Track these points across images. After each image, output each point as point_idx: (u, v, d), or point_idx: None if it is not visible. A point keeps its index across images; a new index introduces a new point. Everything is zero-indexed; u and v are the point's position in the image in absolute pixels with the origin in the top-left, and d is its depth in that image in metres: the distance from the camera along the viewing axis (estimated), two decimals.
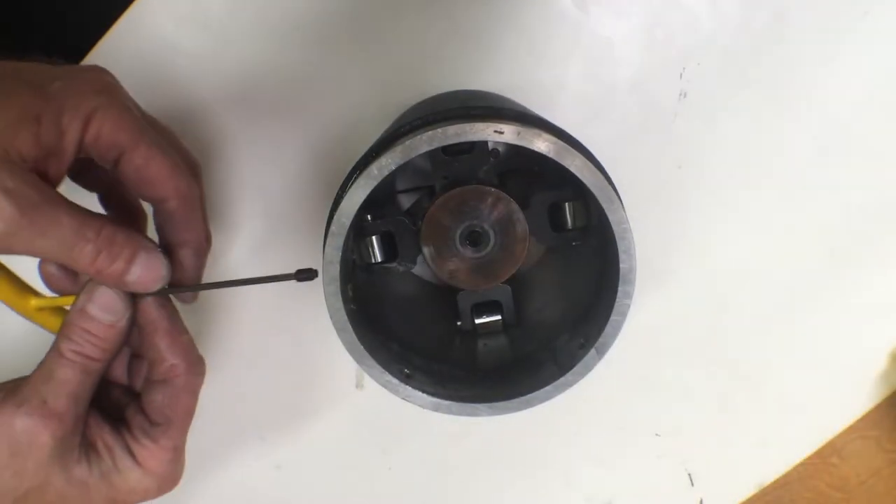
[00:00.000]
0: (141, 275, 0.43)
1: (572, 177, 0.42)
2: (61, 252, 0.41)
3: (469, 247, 0.49)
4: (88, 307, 0.44)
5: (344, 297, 0.44)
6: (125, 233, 0.42)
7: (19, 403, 0.42)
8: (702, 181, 0.63)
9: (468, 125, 0.41)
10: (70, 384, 0.43)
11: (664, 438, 0.69)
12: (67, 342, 0.43)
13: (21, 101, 0.40)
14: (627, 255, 0.43)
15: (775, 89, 0.61)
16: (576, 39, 0.60)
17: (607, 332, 0.44)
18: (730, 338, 0.67)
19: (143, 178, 0.44)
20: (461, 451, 0.68)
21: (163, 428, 0.45)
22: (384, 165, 0.41)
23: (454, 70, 0.61)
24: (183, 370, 0.46)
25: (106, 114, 0.42)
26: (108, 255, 0.41)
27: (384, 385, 0.45)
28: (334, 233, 0.43)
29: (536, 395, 0.45)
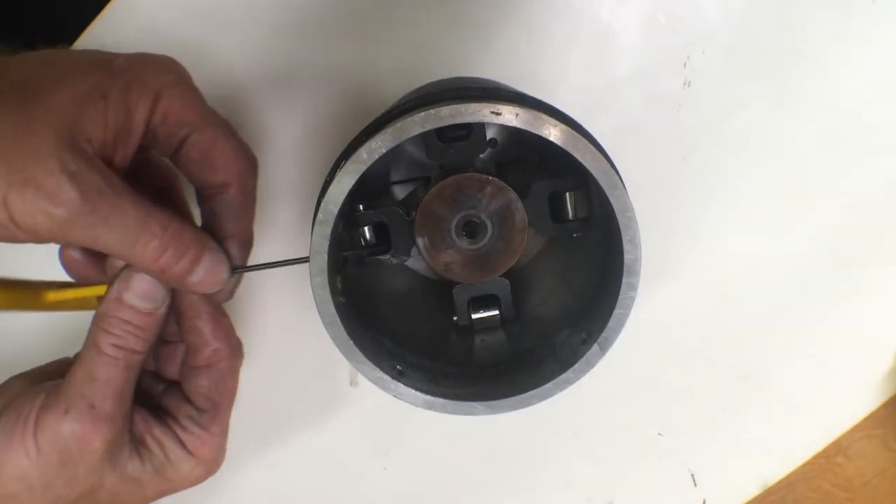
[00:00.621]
0: (204, 277, 0.40)
1: (574, 165, 0.38)
2: (123, 245, 0.37)
3: (465, 238, 0.45)
4: (126, 296, 0.40)
5: (333, 289, 0.40)
6: (192, 231, 0.40)
7: (65, 409, 0.39)
8: (707, 175, 0.60)
9: (463, 105, 0.37)
10: (115, 382, 0.40)
11: (666, 437, 0.65)
12: (106, 335, 0.40)
13: (87, 77, 0.37)
14: (632, 244, 0.39)
15: (783, 79, 0.58)
16: (576, 27, 0.57)
17: (610, 326, 0.40)
18: (734, 334, 0.64)
19: (209, 160, 0.41)
20: (458, 451, 0.65)
21: (211, 414, 0.43)
22: (374, 149, 0.37)
23: (450, 60, 0.58)
24: (226, 354, 0.43)
25: (174, 91, 0.39)
26: (174, 254, 0.38)
27: (375, 382, 0.41)
28: (322, 221, 0.39)
29: (536, 393, 0.41)
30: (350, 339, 0.40)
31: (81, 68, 0.38)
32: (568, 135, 0.37)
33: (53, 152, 0.35)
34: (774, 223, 0.61)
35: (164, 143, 0.40)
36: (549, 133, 0.37)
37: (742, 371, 0.65)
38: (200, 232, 0.40)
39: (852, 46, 0.57)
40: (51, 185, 0.35)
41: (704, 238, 0.62)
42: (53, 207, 0.35)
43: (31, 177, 0.35)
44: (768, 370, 0.65)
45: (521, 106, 0.37)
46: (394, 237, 0.46)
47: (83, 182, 0.35)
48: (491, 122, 0.37)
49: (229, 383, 0.44)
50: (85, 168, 0.36)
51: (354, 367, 0.41)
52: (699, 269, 0.62)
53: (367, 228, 0.47)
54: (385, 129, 0.37)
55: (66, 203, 0.35)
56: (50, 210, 0.35)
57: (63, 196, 0.35)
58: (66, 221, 0.35)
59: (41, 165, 0.35)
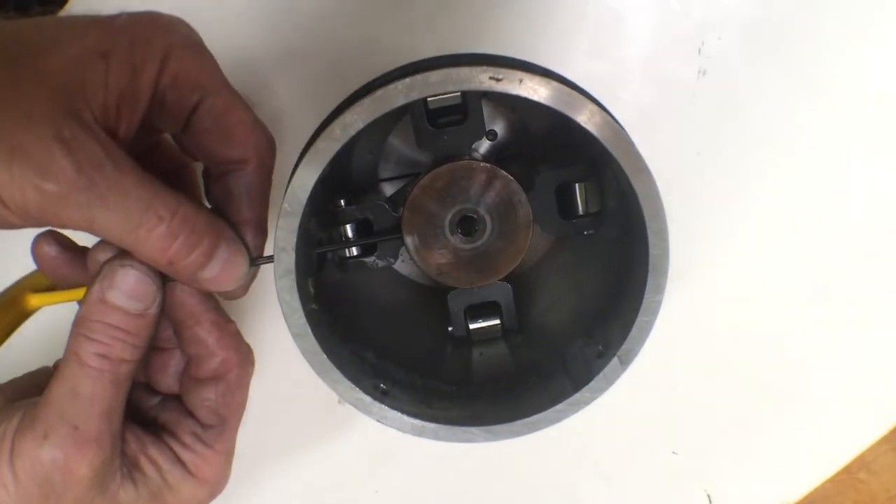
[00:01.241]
0: (220, 272, 0.33)
1: (583, 154, 0.30)
2: (124, 230, 0.30)
3: (461, 236, 0.38)
4: (110, 295, 0.33)
5: (303, 294, 0.32)
6: (207, 216, 0.33)
7: (44, 433, 0.32)
8: (724, 169, 0.53)
9: (455, 70, 0.28)
10: (101, 400, 0.33)
11: (681, 456, 0.59)
12: (89, 343, 0.33)
13: (85, 36, 0.31)
14: (659, 237, 0.31)
15: (803, 66, 0.53)
16: (580, 11, 0.51)
17: (633, 336, 0.32)
18: (752, 345, 0.57)
19: (224, 130, 0.34)
20: (456, 473, 0.58)
21: (217, 430, 0.37)
22: (349, 124, 0.29)
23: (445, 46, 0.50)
24: (236, 363, 0.36)
25: (185, 51, 0.33)
26: (186, 243, 0.31)
27: (354, 404, 0.33)
28: (288, 212, 0.30)
29: (544, 417, 0.33)
30: (324, 353, 0.31)
31: (78, 28, 0.32)
32: (581, 105, 0.29)
33: (46, 117, 0.29)
34: (795, 224, 0.55)
35: (172, 110, 0.34)
36: (555, 101, 0.29)
37: (761, 384, 0.59)
38: (216, 218, 0.33)
39: (878, 32, 0.52)
40: (41, 154, 0.29)
41: (720, 239, 0.55)
42: (43, 180, 0.29)
43: (19, 145, 0.29)
44: (789, 383, 0.59)
45: (526, 72, 0.29)
46: (379, 236, 0.38)
47: (79, 151, 0.29)
48: (491, 91, 0.29)
49: (238, 396, 0.37)
50: (82, 135, 0.29)
51: (330, 386, 0.32)
52: (715, 273, 0.56)
53: (348, 226, 0.39)
54: (362, 101, 0.29)
55: (58, 175, 0.29)
56: (39, 184, 0.29)
57: (54, 167, 0.29)
58: (58, 198, 0.29)
59: (31, 132, 0.29)
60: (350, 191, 0.40)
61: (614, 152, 0.30)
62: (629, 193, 0.32)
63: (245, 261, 0.33)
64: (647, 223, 0.31)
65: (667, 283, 0.32)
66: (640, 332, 0.33)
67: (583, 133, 0.32)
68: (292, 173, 0.32)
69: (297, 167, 0.31)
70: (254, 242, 0.35)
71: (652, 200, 0.31)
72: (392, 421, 0.33)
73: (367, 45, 0.51)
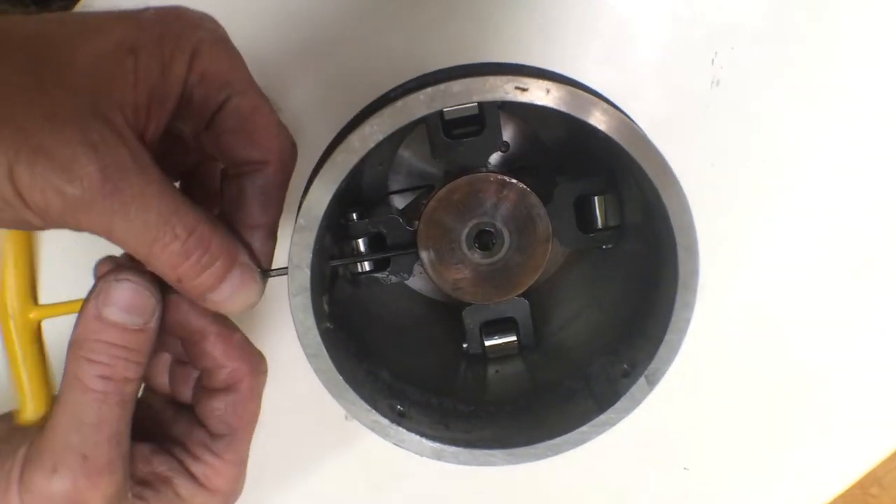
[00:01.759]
0: (230, 296, 0.31)
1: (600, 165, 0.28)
2: (140, 242, 0.29)
3: (478, 250, 0.35)
4: (107, 312, 0.31)
5: (317, 312, 0.30)
6: (222, 238, 0.31)
7: (53, 467, 0.31)
8: (738, 181, 0.52)
9: (480, 80, 0.27)
10: (108, 424, 0.31)
11: (693, 472, 0.57)
12: (90, 366, 0.31)
13: (111, 31, 0.29)
14: (689, 252, 0.29)
15: (818, 77, 0.51)
16: (593, 19, 0.49)
17: (661, 355, 0.31)
18: (766, 360, 0.56)
19: (248, 131, 0.32)
20: (465, 491, 0.57)
21: (227, 440, 0.35)
22: (368, 135, 0.28)
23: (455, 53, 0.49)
24: (246, 373, 0.35)
25: (213, 48, 0.32)
26: (198, 264, 0.30)
27: (370, 427, 0.31)
28: (303, 227, 0.29)
29: (568, 439, 0.31)
30: (339, 374, 0.30)
31: (104, 23, 0.30)
32: (613, 118, 0.27)
33: (72, 118, 0.28)
34: (811, 236, 0.54)
35: (198, 108, 0.32)
36: (589, 115, 0.27)
37: (772, 399, 0.57)
38: (233, 240, 0.32)
39: (893, 42, 0.51)
40: (66, 156, 0.27)
41: (734, 252, 0.54)
42: (67, 184, 0.27)
43: (43, 145, 0.27)
44: (800, 398, 0.57)
45: (553, 81, 0.27)
46: (393, 251, 0.36)
47: (106, 156, 0.28)
48: (515, 102, 0.27)
49: (250, 406, 0.36)
50: (110, 139, 0.28)
51: (345, 409, 0.30)
52: (727, 286, 0.54)
53: (361, 241, 0.37)
54: (381, 112, 0.27)
55: (83, 180, 0.27)
56: (62, 187, 0.27)
57: (79, 171, 0.27)
58: (80, 203, 0.28)
59: (57, 133, 0.27)
60: (360, 204, 0.38)
61: (644, 165, 0.29)
62: (657, 207, 0.30)
63: (258, 287, 0.32)
64: (676, 238, 0.30)
65: (696, 300, 0.31)
66: (668, 352, 0.31)
67: (607, 145, 0.31)
68: (307, 187, 0.31)
69: (313, 181, 0.29)
70: (263, 248, 0.33)
71: (681, 214, 0.30)
72: (410, 444, 0.31)
73: (375, 52, 0.49)
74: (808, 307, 0.55)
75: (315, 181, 0.29)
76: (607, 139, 0.29)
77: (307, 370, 0.47)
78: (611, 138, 0.29)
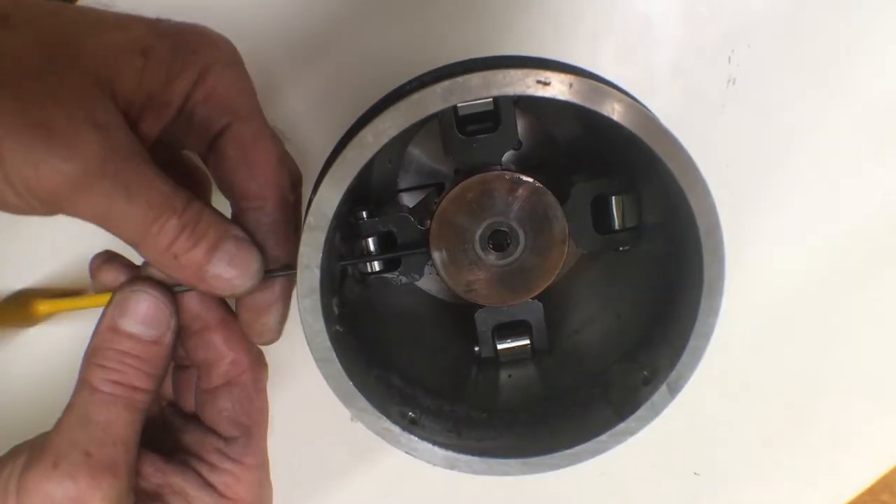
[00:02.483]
0: (227, 268, 0.30)
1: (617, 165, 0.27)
2: (139, 224, 0.28)
3: (492, 251, 0.34)
4: (122, 323, 0.30)
5: (327, 314, 0.28)
6: (215, 212, 0.31)
7: (54, 463, 0.29)
8: (753, 182, 0.50)
9: (500, 73, 0.25)
10: (115, 426, 0.30)
11: (703, 477, 0.56)
12: (101, 371, 0.30)
13: (128, 29, 0.29)
14: (715, 256, 0.28)
15: (835, 76, 0.50)
16: (607, 15, 0.48)
17: (684, 362, 0.29)
18: (776, 364, 0.55)
19: (247, 160, 0.32)
20: (469, 491, 0.54)
21: (242, 442, 0.34)
22: (382, 130, 0.26)
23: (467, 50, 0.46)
24: (247, 365, 0.33)
25: (225, 70, 0.31)
26: (192, 235, 0.29)
27: (380, 434, 0.29)
28: (313, 226, 0.27)
29: (586, 448, 0.30)
30: (350, 380, 0.28)
31: (124, 20, 0.30)
32: (639, 115, 0.26)
33: (77, 97, 0.27)
34: (825, 239, 0.52)
35: (199, 129, 0.31)
36: (614, 111, 0.26)
37: (783, 404, 0.56)
38: (224, 218, 0.31)
39: None
40: (69, 133, 0.26)
41: (748, 254, 0.52)
42: (67, 161, 0.26)
43: (43, 122, 0.26)
44: (811, 403, 0.56)
45: (575, 75, 0.26)
46: (404, 251, 0.35)
47: (111, 137, 0.27)
48: (536, 96, 0.26)
49: (257, 401, 0.34)
50: (114, 121, 0.27)
51: (355, 416, 0.29)
52: (739, 289, 0.52)
53: (370, 240, 0.36)
54: (396, 105, 0.26)
55: (86, 158, 0.26)
56: (60, 165, 0.26)
57: (83, 149, 0.26)
58: (79, 182, 0.26)
59: (60, 109, 0.26)
60: (369, 202, 0.37)
61: (670, 164, 0.27)
62: (681, 208, 0.29)
63: (256, 258, 0.31)
64: (701, 240, 0.28)
65: (721, 306, 0.29)
66: (692, 358, 0.29)
67: (630, 143, 0.29)
68: (316, 185, 0.29)
69: (323, 178, 0.27)
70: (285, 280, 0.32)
71: (709, 217, 0.28)
72: (422, 453, 0.30)
73: (384, 48, 0.47)
74: (821, 310, 0.54)
75: (326, 178, 0.27)
76: (631, 137, 0.28)
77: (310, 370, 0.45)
78: (636, 136, 0.27)
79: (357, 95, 0.44)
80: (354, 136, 0.27)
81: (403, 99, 0.26)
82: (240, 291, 0.31)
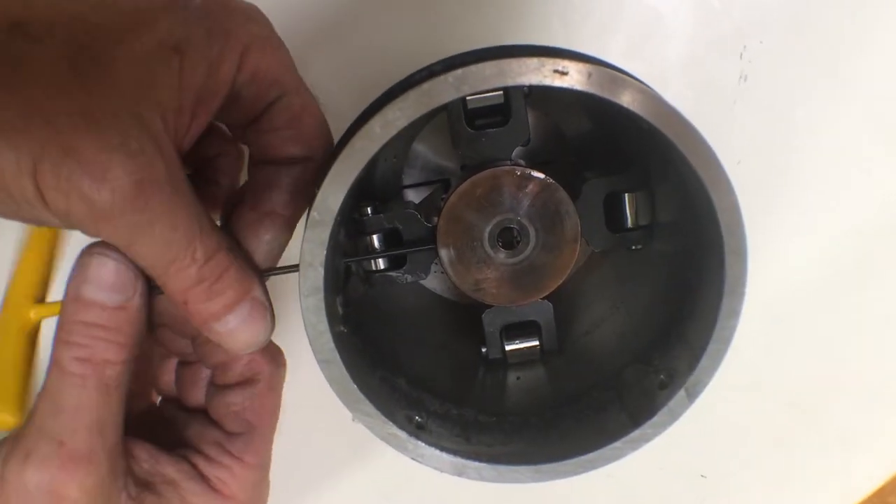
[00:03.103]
0: (235, 329, 0.29)
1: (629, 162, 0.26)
2: (158, 261, 0.27)
3: (502, 249, 0.32)
4: (85, 290, 0.28)
5: (330, 314, 0.27)
6: (240, 268, 0.29)
7: (26, 454, 0.28)
8: (765, 180, 0.49)
9: (515, 62, 0.24)
10: (88, 410, 0.28)
11: (711, 480, 0.55)
12: (67, 348, 0.28)
13: (155, 25, 0.27)
14: (737, 255, 0.27)
15: (849, 72, 0.48)
16: (617, 9, 0.47)
17: (703, 366, 0.28)
18: (784, 365, 0.53)
19: (297, 130, 0.31)
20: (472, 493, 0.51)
21: (245, 439, 0.32)
22: (390, 121, 0.24)
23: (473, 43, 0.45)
24: (264, 364, 0.32)
25: (265, 45, 0.29)
26: (209, 290, 0.28)
27: (386, 440, 0.28)
28: (317, 221, 0.26)
29: (600, 455, 0.28)
30: (354, 382, 0.26)
31: (147, 14, 0.27)
32: (661, 108, 0.24)
33: (110, 121, 0.25)
34: (837, 238, 0.51)
35: (246, 107, 0.30)
36: (632, 101, 0.24)
37: (791, 406, 0.54)
38: (249, 273, 0.29)
39: None
40: (100, 161, 0.25)
41: (759, 253, 0.49)
42: (95, 191, 0.25)
43: (74, 145, 0.24)
44: (820, 405, 0.55)
45: (593, 65, 0.24)
46: (410, 248, 0.33)
47: (143, 167, 0.25)
48: (553, 87, 0.24)
49: (269, 401, 0.33)
50: (149, 149, 0.26)
51: (359, 420, 0.27)
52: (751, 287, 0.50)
53: (375, 237, 0.34)
54: (406, 95, 0.24)
55: (114, 190, 0.25)
56: (90, 194, 0.25)
57: (112, 181, 0.25)
58: (106, 213, 0.25)
59: (93, 134, 0.25)
60: (373, 198, 0.35)
61: (692, 159, 0.26)
62: (702, 206, 0.27)
63: (267, 326, 0.29)
64: (724, 240, 0.27)
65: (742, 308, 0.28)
66: (712, 362, 0.28)
67: (648, 137, 0.27)
68: (320, 177, 0.27)
69: (327, 170, 0.26)
70: (280, 239, 0.31)
71: (732, 215, 0.27)
72: (429, 459, 0.28)
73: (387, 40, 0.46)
74: (831, 312, 0.52)
75: (331, 171, 0.25)
76: (650, 129, 0.26)
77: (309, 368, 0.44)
78: (656, 128, 0.25)
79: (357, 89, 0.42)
80: (361, 127, 0.26)
81: (413, 88, 0.25)
82: (240, 352, 0.30)
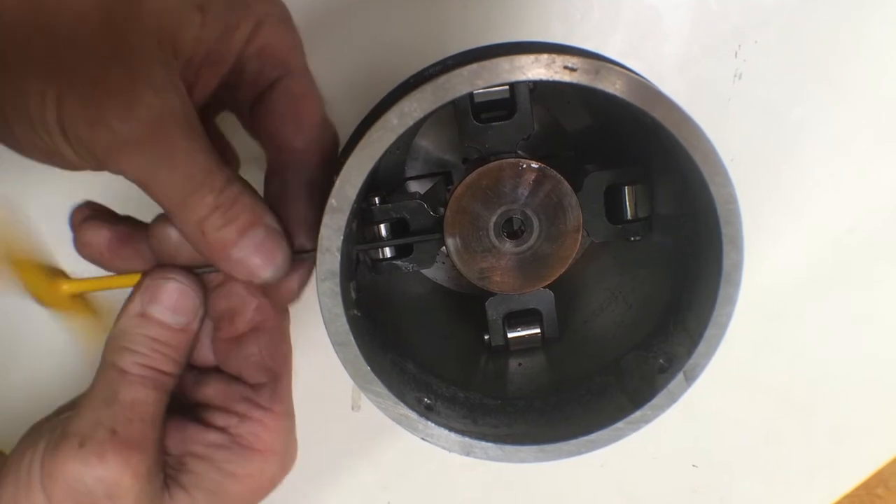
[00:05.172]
0: (251, 255, 0.29)
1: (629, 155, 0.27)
2: (178, 194, 0.28)
3: (506, 239, 0.34)
4: (152, 310, 0.31)
5: (345, 299, 0.28)
6: (251, 197, 0.30)
7: (80, 443, 0.29)
8: (758, 179, 0.50)
9: (530, 58, 0.25)
10: (143, 405, 0.30)
11: (702, 470, 0.57)
12: (129, 354, 0.30)
13: None
14: (734, 246, 0.28)
15: (843, 72, 0.50)
16: (616, 8, 0.48)
17: (700, 351, 0.29)
18: (776, 359, 0.55)
19: (295, 115, 0.31)
20: (469, 483, 0.55)
21: (270, 388, 0.33)
22: (407, 112, 0.26)
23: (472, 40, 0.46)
24: (270, 307, 0.33)
25: (278, 25, 0.31)
26: (223, 216, 0.28)
27: (397, 420, 0.29)
28: (335, 208, 0.27)
29: (602, 436, 0.30)
30: (367, 364, 0.28)
31: None
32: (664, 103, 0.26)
33: (138, 57, 0.26)
34: (828, 235, 0.53)
35: (249, 81, 0.31)
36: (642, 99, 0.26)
37: (780, 398, 0.56)
38: (260, 203, 0.30)
39: None
40: (127, 94, 0.26)
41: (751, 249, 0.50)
42: (122, 122, 0.26)
43: (101, 80, 0.26)
44: (808, 398, 0.56)
45: (602, 61, 0.26)
46: (417, 238, 0.34)
47: (167, 102, 0.26)
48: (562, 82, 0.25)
49: (283, 347, 0.34)
50: (172, 85, 0.27)
51: (372, 401, 0.29)
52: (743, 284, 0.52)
53: (383, 226, 0.35)
54: (423, 87, 0.26)
55: (141, 121, 0.26)
56: (116, 124, 0.26)
57: (139, 111, 0.26)
58: (129, 144, 0.26)
59: (120, 68, 0.26)
60: (379, 188, 0.37)
61: (693, 153, 0.27)
62: (701, 197, 0.29)
63: (282, 250, 0.30)
64: (721, 229, 0.28)
65: (739, 295, 0.29)
66: (708, 347, 0.29)
67: (648, 132, 0.29)
68: (339, 166, 0.29)
69: (346, 159, 0.27)
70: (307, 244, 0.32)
71: (728, 206, 0.28)
72: (438, 439, 0.30)
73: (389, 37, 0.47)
74: (819, 306, 0.54)
75: (350, 160, 0.27)
76: (653, 123, 0.28)
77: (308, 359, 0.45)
78: (659, 123, 0.27)
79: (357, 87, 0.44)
80: (376, 119, 0.27)
81: (429, 81, 0.26)
82: (261, 280, 0.30)
